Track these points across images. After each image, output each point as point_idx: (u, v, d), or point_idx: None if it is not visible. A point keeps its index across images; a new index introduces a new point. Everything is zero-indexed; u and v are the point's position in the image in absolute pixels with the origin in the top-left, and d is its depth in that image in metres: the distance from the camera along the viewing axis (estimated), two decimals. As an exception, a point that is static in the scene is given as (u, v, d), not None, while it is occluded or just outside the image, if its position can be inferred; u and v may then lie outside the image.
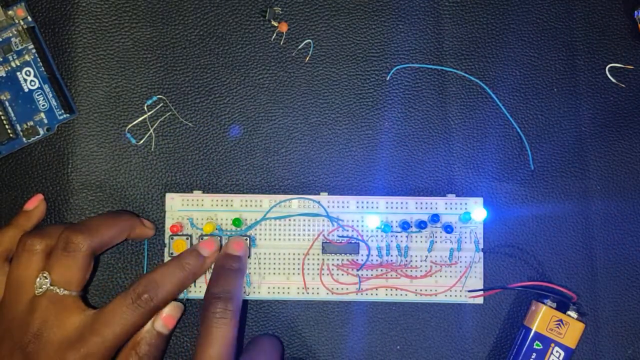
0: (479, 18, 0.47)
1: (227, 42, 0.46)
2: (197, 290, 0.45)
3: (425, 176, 0.46)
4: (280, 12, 0.46)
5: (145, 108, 0.46)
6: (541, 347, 0.43)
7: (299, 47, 0.46)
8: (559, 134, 0.46)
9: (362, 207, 0.45)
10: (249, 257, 0.45)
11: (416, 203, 0.45)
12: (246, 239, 0.45)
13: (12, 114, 0.45)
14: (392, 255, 0.45)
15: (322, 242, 0.45)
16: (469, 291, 0.45)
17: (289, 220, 0.45)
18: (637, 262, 0.46)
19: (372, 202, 0.45)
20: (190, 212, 0.45)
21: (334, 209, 0.45)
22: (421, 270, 0.45)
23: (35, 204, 0.44)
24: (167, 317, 0.42)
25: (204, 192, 0.45)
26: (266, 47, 0.46)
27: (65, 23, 0.46)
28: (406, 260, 0.45)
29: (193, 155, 0.46)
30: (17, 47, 0.45)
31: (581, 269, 0.46)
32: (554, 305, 0.43)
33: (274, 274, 0.45)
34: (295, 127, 0.46)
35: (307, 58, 0.46)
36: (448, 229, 0.45)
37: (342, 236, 0.45)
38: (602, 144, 0.46)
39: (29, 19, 0.45)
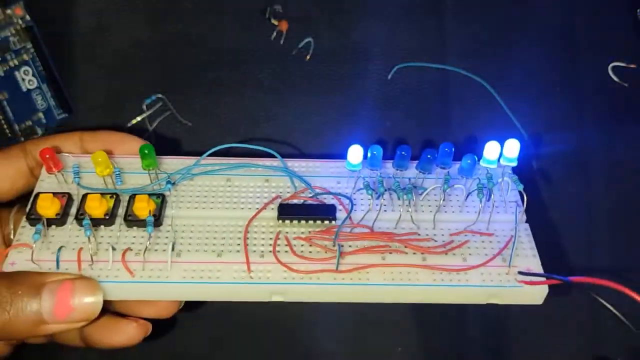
0: (481, 16, 0.46)
1: (227, 40, 0.46)
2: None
3: (426, 176, 0.46)
4: (281, 11, 0.46)
5: (144, 107, 0.45)
6: None
7: (300, 45, 0.46)
8: (561, 133, 0.46)
9: (336, 172, 0.35)
10: (159, 225, 0.31)
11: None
12: (158, 197, 0.32)
13: (10, 114, 0.45)
14: (389, 204, 0.31)
15: (279, 204, 0.32)
16: (520, 273, 0.30)
17: (229, 179, 0.33)
18: (638, 262, 0.46)
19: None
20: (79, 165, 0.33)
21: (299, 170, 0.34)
22: (436, 241, 0.31)
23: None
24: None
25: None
26: (266, 46, 0.46)
27: (64, 22, 0.46)
28: (414, 204, 0.31)
29: (192, 154, 0.46)
30: (15, 46, 0.45)
31: (582, 271, 0.45)
32: None
33: (197, 251, 0.30)
34: (296, 127, 0.46)
35: (308, 57, 0.46)
36: (468, 167, 0.31)
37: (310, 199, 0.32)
38: (604, 143, 0.46)
39: (28, 17, 0.45)
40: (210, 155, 0.34)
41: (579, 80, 0.46)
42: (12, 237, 0.32)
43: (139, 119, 0.45)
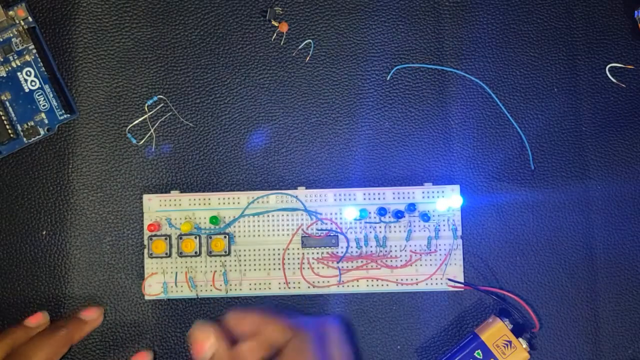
0: (479, 18, 0.47)
1: (228, 42, 0.46)
2: (181, 290, 0.45)
3: (425, 176, 0.46)
4: (281, 12, 0.46)
5: (146, 108, 0.46)
6: (481, 357, 0.43)
7: (300, 47, 0.46)
8: (559, 134, 0.46)
9: (340, 199, 0.45)
10: (228, 254, 0.45)
11: (393, 193, 0.45)
12: (225, 237, 0.45)
13: (13, 114, 0.45)
14: (371, 246, 0.45)
15: (302, 236, 0.45)
16: (449, 280, 0.45)
17: (268, 216, 0.45)
18: (637, 262, 0.46)
19: (349, 194, 0.45)
20: (169, 212, 0.45)
21: (312, 203, 0.45)
22: (401, 260, 0.45)
23: (38, 320, 0.44)
24: None
25: (181, 192, 0.45)
26: (267, 47, 0.46)
27: (66, 23, 0.46)
28: (385, 251, 0.45)
29: (194, 155, 0.46)
30: (18, 47, 0.45)
31: (581, 269, 0.46)
32: (511, 326, 0.43)
33: (255, 270, 0.45)
34: (296, 127, 0.46)
35: (308, 58, 0.46)
36: (425, 217, 0.45)
37: (321, 229, 0.45)
38: (602, 144, 0.46)
39: (30, 19, 0.45)
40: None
41: (576, 81, 0.47)
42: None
43: (140, 119, 0.46)
